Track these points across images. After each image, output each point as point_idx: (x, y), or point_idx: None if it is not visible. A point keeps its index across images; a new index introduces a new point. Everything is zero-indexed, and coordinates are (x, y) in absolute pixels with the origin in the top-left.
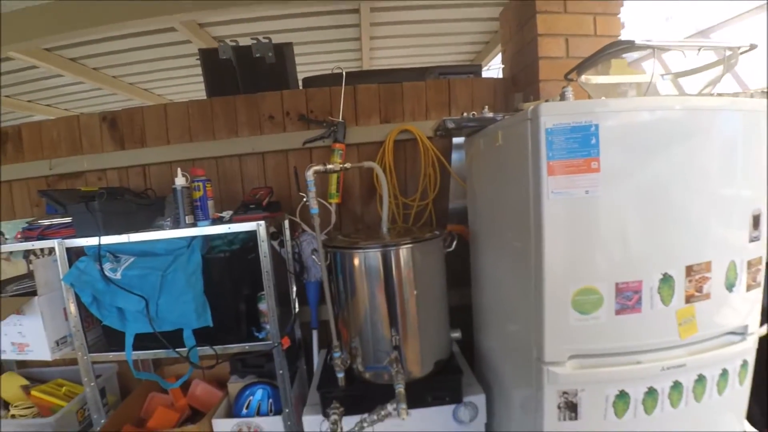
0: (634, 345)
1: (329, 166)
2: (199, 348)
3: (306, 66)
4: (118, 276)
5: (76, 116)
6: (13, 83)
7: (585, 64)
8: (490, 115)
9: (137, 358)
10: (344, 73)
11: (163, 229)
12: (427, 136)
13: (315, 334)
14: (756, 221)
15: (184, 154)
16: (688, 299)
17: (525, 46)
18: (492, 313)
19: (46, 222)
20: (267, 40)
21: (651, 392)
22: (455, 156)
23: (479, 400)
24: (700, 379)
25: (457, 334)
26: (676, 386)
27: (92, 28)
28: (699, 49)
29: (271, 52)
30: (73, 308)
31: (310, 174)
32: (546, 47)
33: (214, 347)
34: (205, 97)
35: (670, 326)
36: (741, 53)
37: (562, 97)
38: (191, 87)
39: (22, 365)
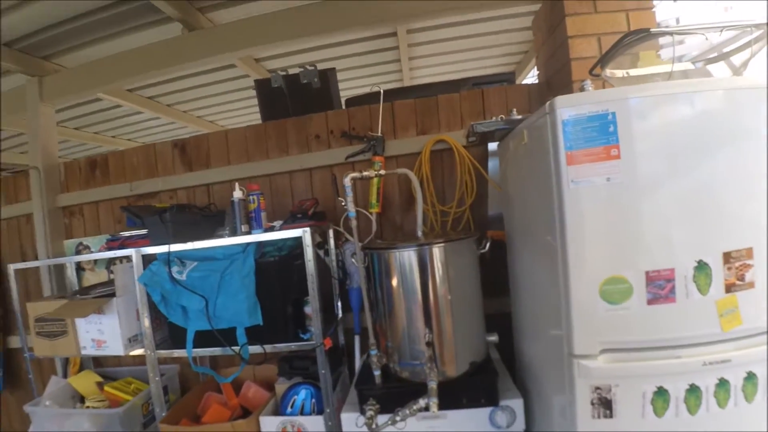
0: (671, 338)
1: (365, 173)
2: (250, 346)
3: (350, 86)
4: (183, 277)
5: (152, 144)
6: (100, 121)
7: (605, 58)
8: (518, 116)
9: (196, 354)
10: (382, 91)
11: (223, 237)
12: (462, 145)
13: (357, 339)
14: None
15: (242, 172)
16: (729, 288)
17: (557, 49)
18: (529, 317)
19: (126, 234)
20: (313, 68)
21: (693, 390)
22: (491, 164)
23: (517, 404)
24: (750, 377)
25: (493, 337)
26: (722, 384)
27: (165, 69)
28: (721, 30)
29: (317, 77)
30: (144, 309)
31: (347, 180)
32: (577, 48)
33: (264, 346)
34: (260, 122)
35: (710, 318)
36: None
37: (582, 91)
38: (250, 117)
39: (97, 364)
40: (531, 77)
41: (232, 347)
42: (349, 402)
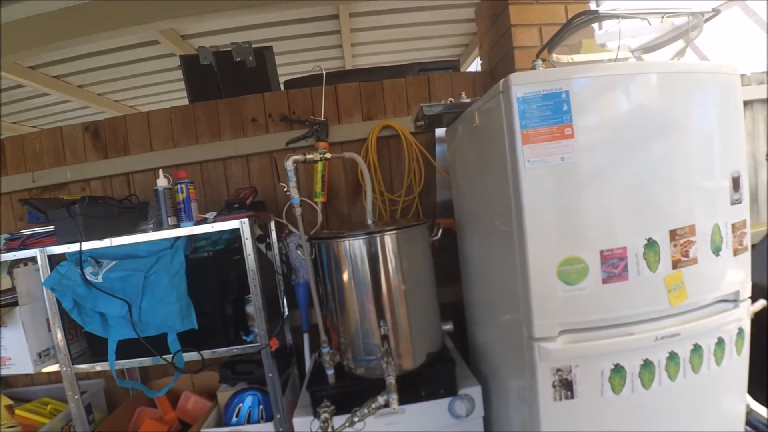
0: (625, 315)
1: (309, 156)
2: (185, 353)
3: (289, 69)
4: (99, 279)
5: (59, 128)
6: (18, 111)
7: (554, 40)
8: (467, 100)
9: (121, 367)
10: (324, 73)
11: (146, 232)
12: (409, 131)
13: (306, 337)
14: (736, 183)
15: (168, 159)
16: (675, 264)
17: (500, 38)
18: (483, 304)
19: (28, 231)
20: (247, 45)
21: (647, 365)
22: (439, 150)
23: (475, 392)
24: (696, 349)
25: (448, 326)
26: (672, 357)
27: (71, 39)
28: (663, 17)
29: (252, 56)
30: (55, 318)
31: (289, 163)
32: (520, 37)
33: (201, 352)
34: (187, 103)
35: (659, 294)
36: (705, 20)
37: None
38: (177, 102)
39: (6, 386)
40: (474, 66)
41: (164, 356)
42: (301, 405)
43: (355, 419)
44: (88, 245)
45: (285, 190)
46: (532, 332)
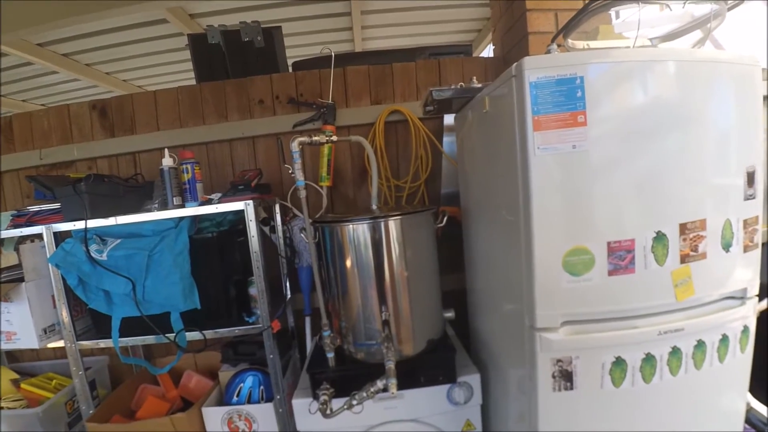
0: (629, 308)
1: (315, 138)
2: (188, 333)
3: (298, 52)
4: (104, 257)
5: (66, 106)
6: (7, 81)
7: (571, 24)
8: (478, 85)
9: (125, 344)
10: (333, 55)
11: (151, 212)
12: (418, 117)
13: (308, 321)
14: (750, 178)
15: (174, 140)
16: (683, 259)
17: (515, 22)
18: (486, 293)
19: (35, 208)
20: (256, 24)
21: (649, 359)
22: (447, 140)
23: (474, 380)
24: (700, 345)
25: (450, 314)
26: (675, 352)
27: (78, 16)
28: (684, 3)
29: (260, 35)
30: (60, 294)
31: (295, 145)
32: (535, 22)
33: (203, 331)
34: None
35: (665, 288)
36: (729, 8)
37: (548, 54)
38: (185, 82)
39: (13, 360)
40: (487, 52)
41: (167, 335)
42: (301, 387)
43: (354, 402)
44: (93, 223)
45: (290, 172)
46: (534, 322)
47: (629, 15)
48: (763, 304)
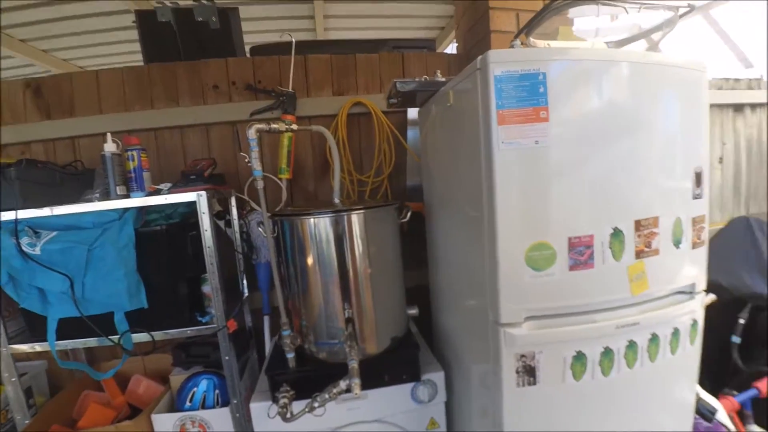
0: (588, 303)
1: (273, 126)
2: (134, 334)
3: (256, 38)
4: (36, 251)
5: None
6: None
7: (533, 22)
8: (442, 79)
9: (64, 347)
10: (294, 41)
11: (92, 202)
12: (381, 110)
13: (267, 320)
14: (698, 178)
15: (119, 124)
16: (638, 254)
17: (477, 20)
18: (449, 289)
19: None
20: (210, 3)
21: (607, 352)
22: (410, 134)
23: (438, 377)
24: (654, 338)
25: (414, 311)
26: (631, 346)
27: None
28: (640, 8)
29: (215, 16)
30: None
31: (252, 132)
32: (497, 20)
33: (152, 333)
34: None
35: (622, 283)
36: (680, 15)
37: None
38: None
39: None
40: (450, 50)
41: (110, 337)
42: (259, 390)
43: (315, 404)
44: (26, 214)
45: (246, 161)
46: (498, 317)
47: (583, 23)
48: (707, 299)
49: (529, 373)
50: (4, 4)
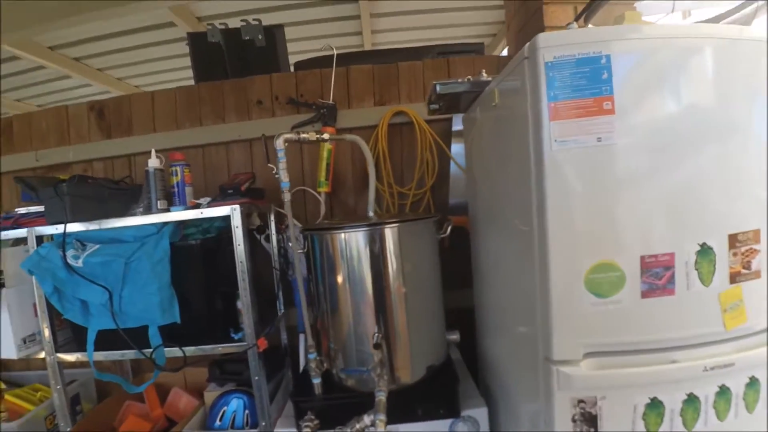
0: (666, 338)
1: (303, 135)
2: (167, 349)
3: (301, 49)
4: (79, 263)
5: (64, 107)
6: (19, 86)
7: (593, 5)
8: (488, 78)
9: (104, 359)
10: (335, 53)
11: (134, 216)
12: (424, 119)
13: (302, 338)
14: None
15: (170, 142)
16: (734, 278)
17: (530, 17)
18: (496, 313)
19: (22, 210)
20: (257, 22)
21: (691, 400)
22: (455, 149)
23: (480, 414)
24: (753, 383)
25: (455, 336)
26: (723, 392)
27: (82, 15)
28: None
29: (261, 34)
30: (41, 302)
31: (280, 142)
32: (552, 16)
33: (184, 348)
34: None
35: (712, 314)
36: None
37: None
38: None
39: (4, 369)
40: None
41: (143, 350)
42: (286, 415)
43: None
44: (74, 227)
45: (273, 172)
46: (550, 353)
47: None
48: None
49: (589, 422)
50: (82, 35)
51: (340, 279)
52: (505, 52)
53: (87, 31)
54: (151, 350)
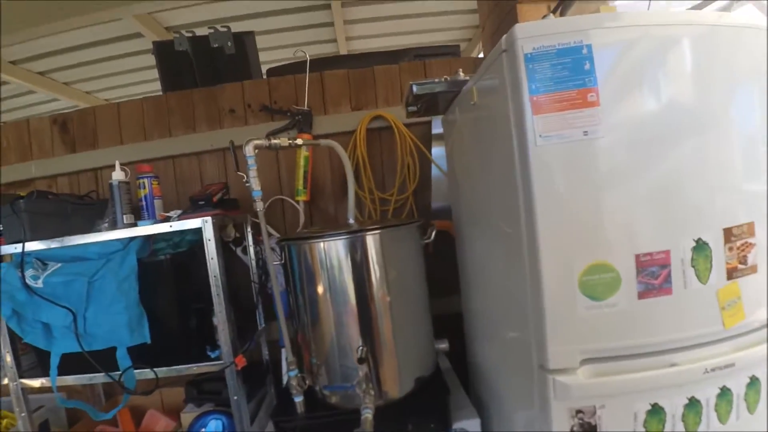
0: (665, 340)
1: (274, 141)
2: (138, 370)
3: (275, 60)
4: (39, 284)
5: (26, 120)
6: None
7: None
8: (465, 77)
9: (69, 383)
10: (308, 58)
11: (100, 232)
12: (403, 122)
13: (284, 353)
14: None
15: (138, 154)
16: (731, 274)
17: (505, 17)
18: (485, 319)
19: None
20: (225, 29)
21: (693, 404)
22: (435, 152)
23: (473, 425)
24: (753, 383)
25: (443, 345)
26: (724, 394)
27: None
28: None
29: (231, 41)
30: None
31: (249, 149)
32: (526, 15)
33: (155, 369)
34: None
35: (710, 312)
36: None
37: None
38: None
39: None
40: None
41: (111, 373)
42: None
43: None
44: (34, 245)
45: (244, 181)
46: (545, 361)
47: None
48: None
49: None
50: (41, 49)
51: (320, 290)
52: (481, 55)
53: (51, 44)
54: (120, 373)
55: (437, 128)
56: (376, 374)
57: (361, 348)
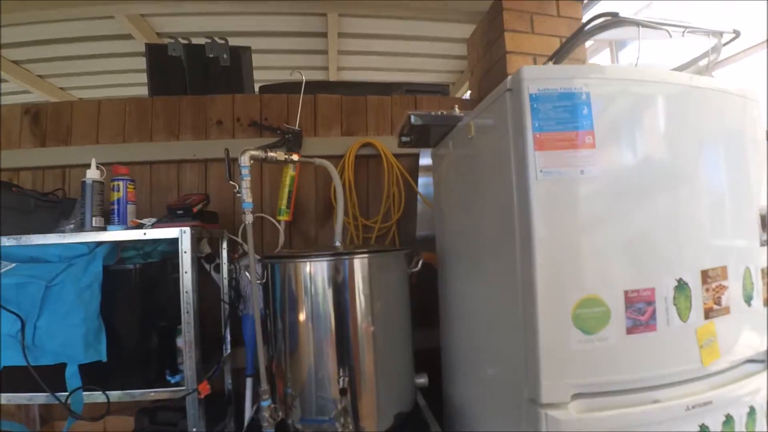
0: (649, 377)
1: (271, 154)
2: (87, 392)
3: (267, 79)
4: None
5: None
6: None
7: (565, 48)
8: (460, 113)
9: (5, 402)
10: (304, 79)
11: (64, 233)
12: (392, 152)
13: (249, 383)
14: (764, 222)
15: (114, 155)
16: (708, 313)
17: (493, 65)
18: (468, 354)
19: None
20: (223, 41)
21: None
22: (422, 181)
23: None
24: (728, 421)
25: (423, 380)
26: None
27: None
28: (684, 32)
29: (227, 53)
30: None
31: (245, 159)
32: (514, 65)
33: (107, 392)
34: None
35: (690, 350)
36: (725, 43)
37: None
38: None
39: None
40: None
41: (57, 394)
42: None
43: None
44: None
45: (235, 191)
46: (538, 396)
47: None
48: None
49: None
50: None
51: (302, 315)
52: (466, 96)
53: (30, 33)
54: (67, 394)
55: (425, 160)
56: (354, 408)
57: (342, 378)
